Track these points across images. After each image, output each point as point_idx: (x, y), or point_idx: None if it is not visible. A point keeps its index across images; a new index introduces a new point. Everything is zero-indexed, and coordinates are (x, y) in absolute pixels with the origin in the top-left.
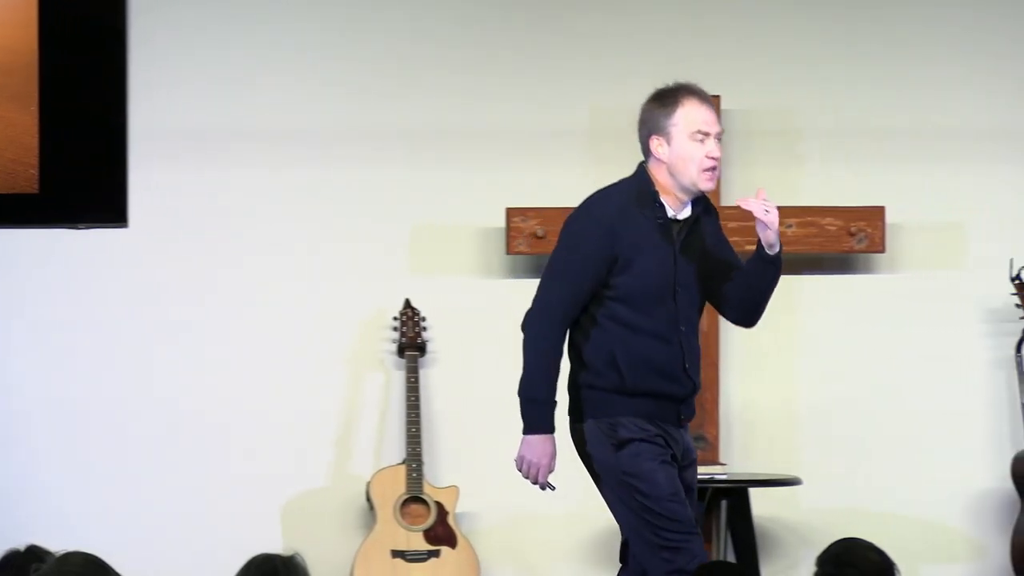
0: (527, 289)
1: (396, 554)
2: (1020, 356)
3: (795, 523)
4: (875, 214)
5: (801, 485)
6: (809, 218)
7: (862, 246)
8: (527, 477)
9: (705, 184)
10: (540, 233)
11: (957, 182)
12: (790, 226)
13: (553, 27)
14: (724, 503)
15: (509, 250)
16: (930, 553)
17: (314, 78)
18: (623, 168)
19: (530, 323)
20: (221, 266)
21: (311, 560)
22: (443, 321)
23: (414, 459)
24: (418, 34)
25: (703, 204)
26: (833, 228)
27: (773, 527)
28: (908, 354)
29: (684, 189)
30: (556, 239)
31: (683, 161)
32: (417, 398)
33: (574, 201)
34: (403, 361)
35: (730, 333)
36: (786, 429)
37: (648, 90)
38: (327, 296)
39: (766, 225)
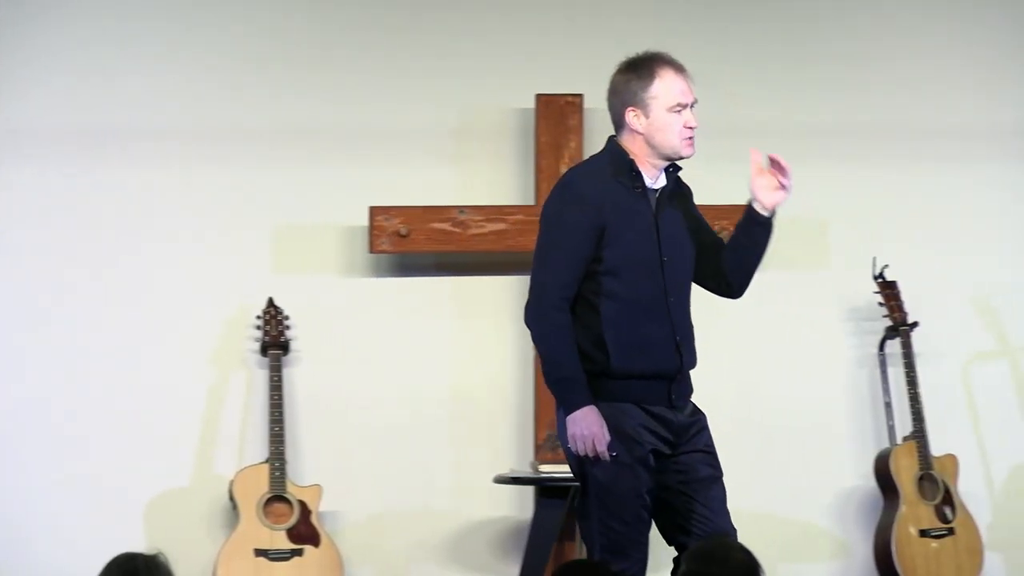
0: (390, 288)
1: (259, 553)
2: (883, 354)
3: None
4: (740, 213)
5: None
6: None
7: None
8: (584, 452)
9: (686, 150)
10: (403, 232)
11: (820, 182)
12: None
13: (416, 26)
14: None
15: (372, 249)
16: (795, 551)
17: (177, 77)
18: (488, 166)
19: (530, 316)
20: (83, 265)
21: (175, 559)
22: (306, 320)
23: (277, 458)
24: (281, 33)
25: (674, 179)
26: (717, 226)
27: None
28: (772, 353)
29: (663, 157)
30: (416, 236)
31: (661, 132)
32: (280, 397)
33: (437, 200)
34: (266, 360)
35: None
36: None
37: (510, 89)
38: (190, 295)
39: (784, 190)
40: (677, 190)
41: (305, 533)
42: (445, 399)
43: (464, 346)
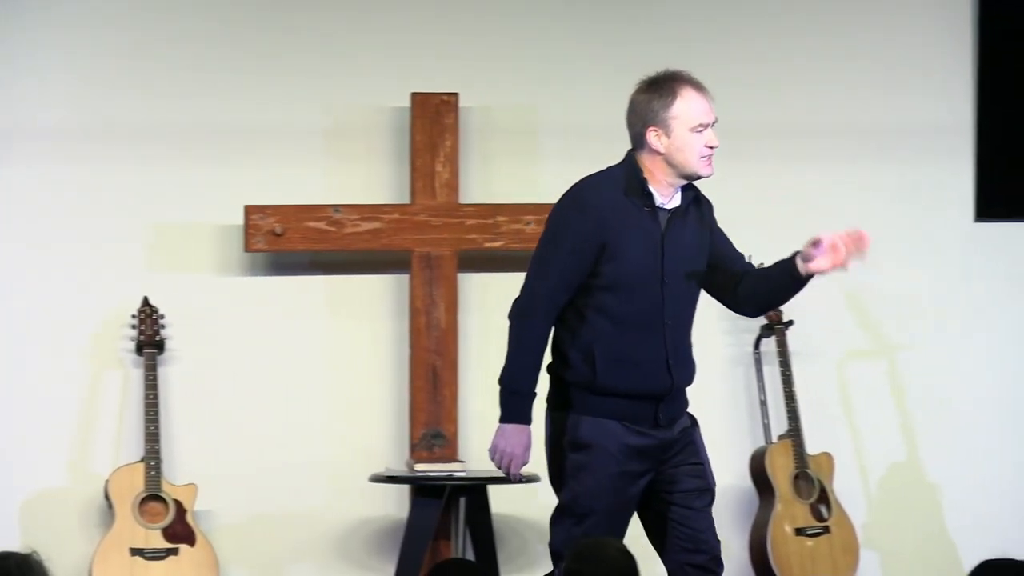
0: (266, 287)
1: (135, 552)
2: (758, 353)
3: (533, 520)
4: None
5: (539, 482)
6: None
7: None
8: (499, 466)
9: (705, 170)
10: (278, 231)
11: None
12: (529, 223)
13: (291, 24)
14: (463, 500)
15: (247, 247)
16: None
17: (51, 74)
18: (364, 165)
19: (517, 314)
20: None
21: (50, 559)
22: (182, 319)
23: (152, 457)
24: (154, 31)
25: (693, 194)
26: None
27: (512, 524)
28: None
29: (681, 176)
30: (291, 235)
31: (682, 152)
32: (155, 396)
33: (313, 199)
34: (141, 359)
35: (468, 331)
36: None
37: (386, 88)
38: (65, 294)
39: (838, 267)
40: (695, 207)
41: (180, 532)
42: (321, 398)
43: (340, 345)
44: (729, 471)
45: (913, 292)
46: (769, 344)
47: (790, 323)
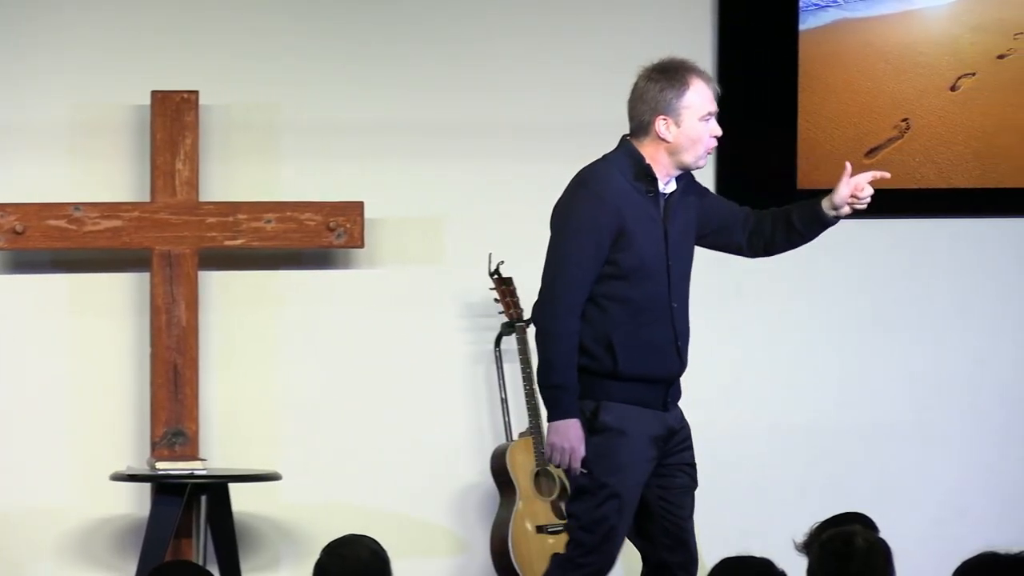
0: (6, 285)
1: None
2: (499, 351)
3: (275, 518)
4: (354, 209)
5: (281, 480)
6: (288, 213)
7: (341, 241)
8: (559, 464)
9: (703, 161)
10: (19, 229)
11: (436, 177)
12: (270, 221)
13: (30, 22)
14: (204, 498)
15: None
16: (412, 547)
17: None
18: (104, 163)
19: (544, 314)
20: None
21: None
22: None
23: None
24: None
25: (686, 178)
26: (312, 223)
27: (253, 522)
28: (389, 349)
29: (679, 167)
30: (31, 233)
31: (691, 141)
32: None
33: (53, 197)
34: None
35: (209, 329)
36: (266, 424)
37: (126, 85)
38: None
39: (859, 205)
40: (686, 192)
41: None
42: (62, 397)
43: (81, 343)
44: (471, 468)
45: None
46: (510, 342)
47: (530, 321)
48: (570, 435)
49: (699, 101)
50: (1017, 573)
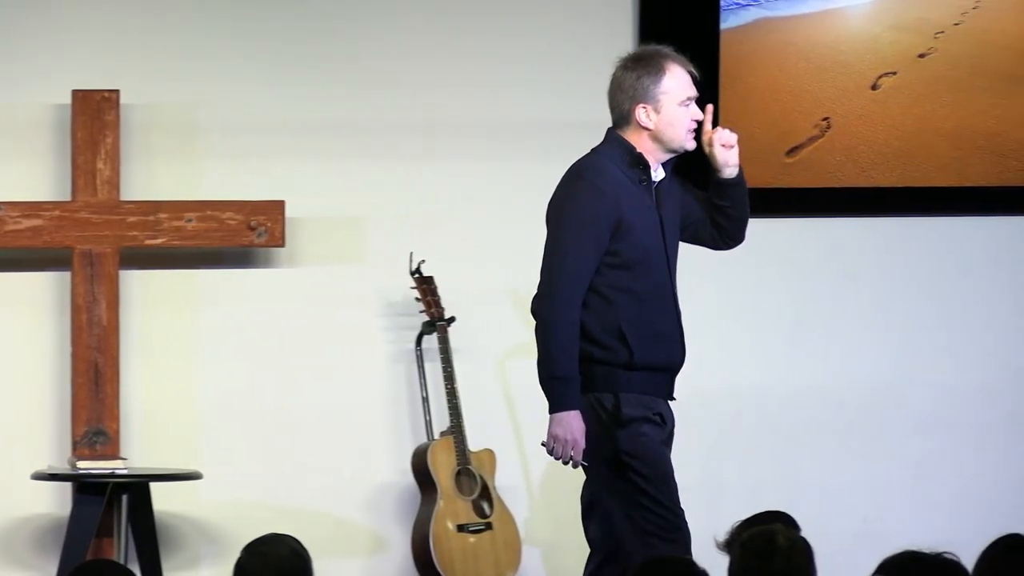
0: None
1: None
2: (420, 350)
3: (196, 517)
4: (275, 208)
5: (202, 479)
6: (210, 212)
7: (262, 240)
8: (559, 456)
9: (690, 143)
10: None
11: (356, 176)
12: (191, 220)
13: None
14: (125, 497)
15: None
16: (332, 547)
17: None
18: (24, 162)
19: (544, 306)
20: None
21: None
22: None
23: None
24: None
25: (671, 166)
26: (234, 222)
27: (174, 521)
28: (310, 348)
29: (667, 151)
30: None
31: (672, 127)
32: None
33: None
34: None
35: (130, 328)
36: (187, 423)
37: (46, 85)
38: None
39: (733, 146)
40: (671, 180)
41: None
42: None
43: (1, 342)
44: (392, 468)
45: None
46: (431, 341)
47: (452, 320)
48: (572, 427)
49: (676, 86)
50: (937, 573)
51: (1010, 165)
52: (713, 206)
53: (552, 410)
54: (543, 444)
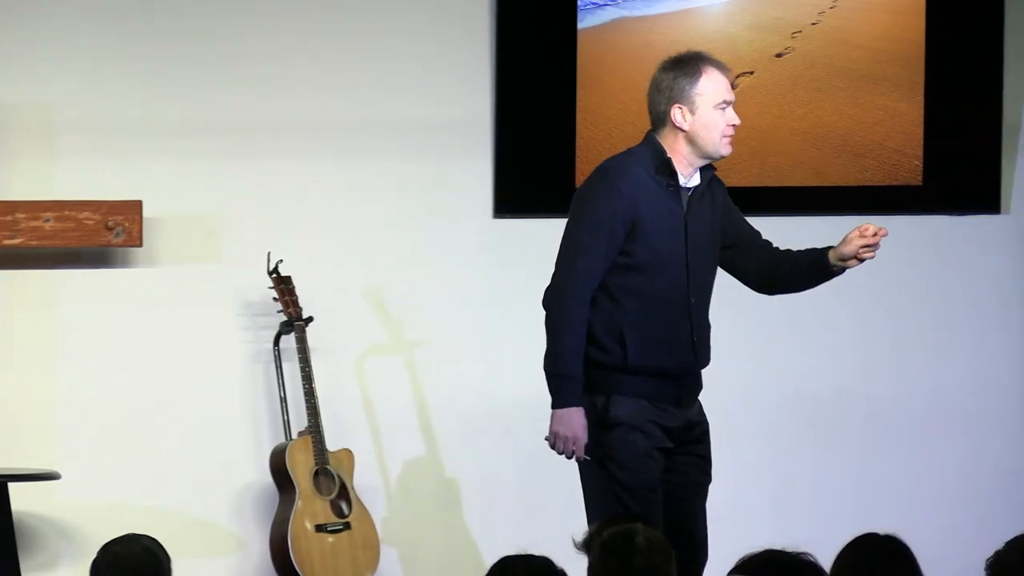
0: None
1: None
2: (278, 349)
3: (54, 517)
4: (132, 208)
5: (60, 479)
6: (67, 212)
7: (120, 240)
8: (562, 452)
9: (726, 149)
10: None
11: (214, 176)
12: (48, 220)
13: None
14: None
15: None
16: (191, 546)
17: None
18: None
19: (553, 301)
20: None
21: None
22: None
23: None
24: None
25: (711, 174)
26: (91, 222)
27: (32, 521)
28: (168, 348)
29: (703, 156)
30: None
31: (707, 129)
32: None
33: None
34: None
35: None
36: (45, 423)
37: None
38: None
39: (868, 255)
40: (710, 189)
41: None
42: None
43: None
44: (250, 468)
45: (433, 288)
46: (289, 341)
47: (310, 319)
48: (573, 424)
49: (713, 89)
50: (795, 573)
51: (867, 164)
52: (792, 264)
53: (554, 406)
54: (546, 439)
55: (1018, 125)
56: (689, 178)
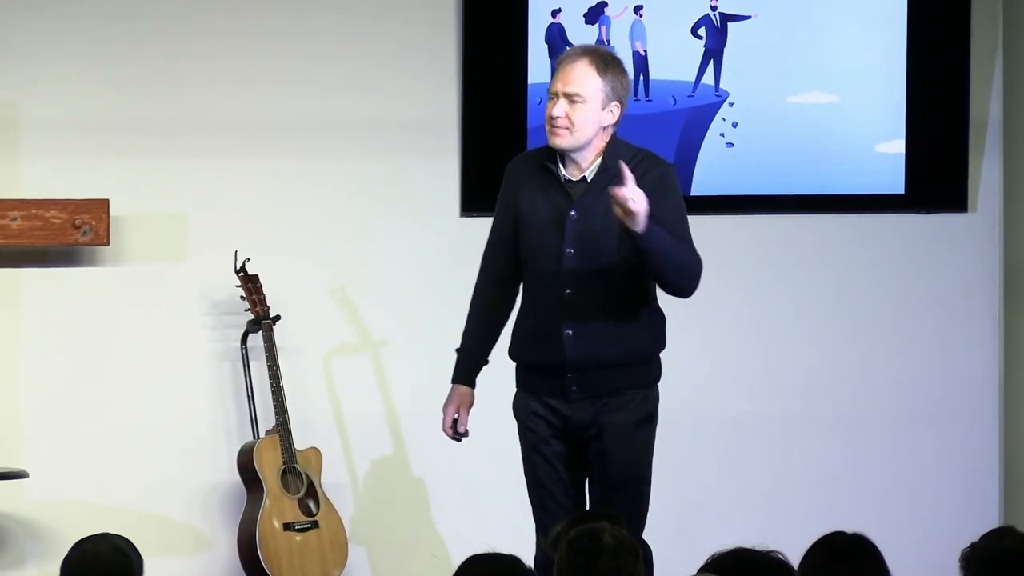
0: None
1: None
2: (245, 348)
3: (22, 516)
4: (99, 207)
5: (27, 478)
6: (34, 211)
7: (87, 239)
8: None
9: (549, 139)
10: None
11: (181, 175)
12: (15, 219)
13: None
14: None
15: None
16: (159, 546)
17: None
18: None
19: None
20: None
21: None
22: None
23: None
24: None
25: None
26: (58, 221)
27: (0, 520)
28: (136, 346)
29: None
30: None
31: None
32: None
33: None
34: None
35: None
36: (12, 422)
37: None
38: None
39: (632, 206)
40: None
41: None
42: None
43: None
44: (218, 466)
45: (401, 286)
46: (256, 339)
47: (277, 318)
48: (446, 400)
49: (552, 81)
50: (764, 571)
51: None
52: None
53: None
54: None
55: (985, 124)
56: (587, 170)
